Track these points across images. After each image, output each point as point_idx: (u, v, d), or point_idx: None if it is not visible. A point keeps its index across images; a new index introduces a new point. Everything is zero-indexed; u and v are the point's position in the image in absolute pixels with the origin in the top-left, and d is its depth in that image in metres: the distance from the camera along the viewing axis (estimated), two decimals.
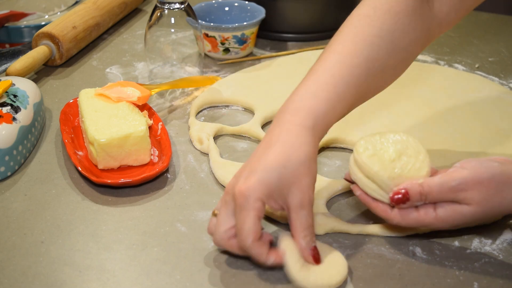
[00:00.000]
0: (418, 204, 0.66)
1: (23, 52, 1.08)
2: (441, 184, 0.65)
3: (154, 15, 1.01)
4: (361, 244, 0.72)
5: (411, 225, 0.67)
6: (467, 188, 0.64)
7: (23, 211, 0.76)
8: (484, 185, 0.64)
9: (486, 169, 0.64)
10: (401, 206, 0.66)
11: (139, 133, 0.81)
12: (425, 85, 1.02)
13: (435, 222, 0.66)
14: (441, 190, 0.65)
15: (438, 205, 0.66)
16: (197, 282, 0.67)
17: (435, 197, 0.65)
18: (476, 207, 0.64)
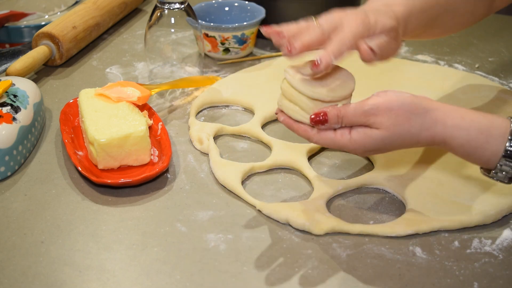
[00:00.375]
0: (336, 126, 0.70)
1: (23, 52, 1.08)
2: (355, 108, 0.69)
3: (154, 15, 1.01)
4: (361, 244, 0.72)
5: (328, 145, 0.72)
6: (378, 113, 0.68)
7: (23, 211, 0.76)
8: (393, 112, 0.68)
9: (397, 98, 0.69)
10: (320, 127, 0.70)
11: (139, 133, 0.81)
12: (425, 85, 1.02)
13: (348, 144, 0.70)
14: (355, 114, 0.69)
15: (353, 129, 0.70)
16: (197, 282, 0.67)
17: (350, 120, 0.69)
18: (385, 131, 0.68)
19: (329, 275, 0.68)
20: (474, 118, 0.68)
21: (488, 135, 0.67)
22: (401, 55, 1.15)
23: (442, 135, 0.68)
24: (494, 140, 0.67)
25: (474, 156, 0.69)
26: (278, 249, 0.71)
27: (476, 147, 0.68)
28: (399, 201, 0.79)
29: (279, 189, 0.81)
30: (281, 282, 0.67)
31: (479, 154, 0.68)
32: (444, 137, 0.68)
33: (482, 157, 0.68)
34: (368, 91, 1.00)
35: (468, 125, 0.68)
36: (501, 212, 0.76)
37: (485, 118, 0.68)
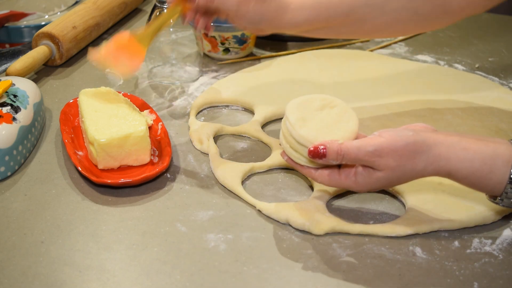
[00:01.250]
0: (334, 163, 0.69)
1: (23, 52, 1.08)
2: (358, 148, 0.68)
3: (153, 14, 1.01)
4: (361, 244, 0.72)
5: (332, 186, 0.72)
6: (382, 155, 0.67)
7: (23, 211, 0.76)
8: (398, 153, 0.67)
9: (401, 138, 0.68)
10: (317, 161, 0.70)
11: (139, 133, 0.81)
12: (425, 85, 1.02)
13: (353, 186, 0.70)
14: (358, 154, 0.68)
15: (358, 172, 0.70)
16: (197, 282, 0.67)
17: (352, 159, 0.69)
18: (390, 172, 0.68)
19: (329, 275, 0.68)
20: (476, 149, 0.68)
21: (492, 164, 0.67)
22: (401, 55, 1.15)
23: (446, 169, 0.68)
24: (498, 169, 0.67)
25: (479, 186, 0.69)
26: (278, 249, 0.71)
27: (480, 177, 0.67)
28: (399, 201, 0.79)
29: (279, 189, 0.81)
30: (281, 282, 0.67)
31: (484, 184, 0.68)
32: (448, 170, 0.68)
33: (487, 186, 0.68)
34: (368, 92, 1.01)
35: (471, 156, 0.67)
36: (501, 212, 0.76)
37: (488, 147, 0.68)
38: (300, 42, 1.19)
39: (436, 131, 0.70)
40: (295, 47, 1.17)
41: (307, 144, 0.70)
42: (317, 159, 0.69)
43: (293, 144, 0.72)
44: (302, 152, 0.71)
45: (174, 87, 1.03)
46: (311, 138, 0.70)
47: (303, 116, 0.72)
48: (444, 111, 0.96)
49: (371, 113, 0.95)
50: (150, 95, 1.01)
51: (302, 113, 0.72)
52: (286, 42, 1.19)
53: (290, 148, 0.72)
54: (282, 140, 0.73)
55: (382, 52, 1.16)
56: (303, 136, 0.70)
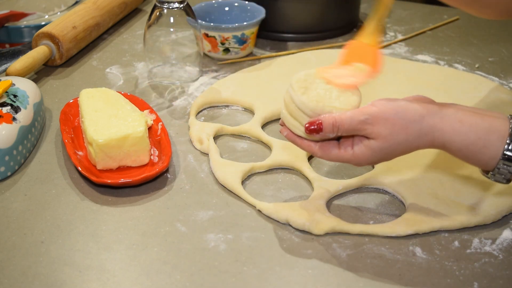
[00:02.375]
0: (331, 135, 0.70)
1: (23, 52, 1.08)
2: (351, 118, 0.69)
3: (153, 14, 1.01)
4: (361, 244, 0.72)
5: (332, 160, 0.72)
6: (374, 123, 0.68)
7: (23, 211, 0.76)
8: (389, 121, 0.68)
9: (392, 107, 0.69)
10: (315, 136, 0.70)
11: (138, 134, 0.81)
12: (425, 85, 1.02)
13: (352, 158, 0.71)
14: (351, 123, 0.69)
15: (354, 143, 0.70)
16: (197, 282, 0.67)
17: (346, 129, 0.69)
18: (383, 141, 0.68)
19: (329, 275, 0.68)
20: (472, 122, 0.68)
21: (486, 139, 0.67)
22: (401, 55, 1.15)
23: (441, 140, 0.68)
24: (492, 144, 0.67)
25: (473, 160, 0.69)
26: (278, 249, 0.71)
27: (474, 151, 0.68)
28: (399, 201, 0.79)
29: (279, 189, 0.81)
30: (281, 282, 0.67)
31: (477, 158, 0.68)
32: (443, 142, 0.68)
33: (480, 161, 0.68)
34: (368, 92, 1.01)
35: (466, 129, 0.67)
36: (501, 212, 0.76)
37: (484, 121, 0.68)
38: (300, 42, 1.19)
39: (433, 102, 0.71)
40: (295, 47, 1.17)
41: (307, 111, 0.70)
42: (314, 134, 0.70)
43: (294, 112, 0.71)
44: (302, 120, 0.71)
45: (174, 87, 1.03)
46: (312, 105, 0.70)
47: (306, 85, 0.72)
48: None
49: None
50: (150, 95, 1.01)
51: (306, 82, 0.72)
52: (286, 42, 1.19)
53: (290, 117, 0.72)
54: (283, 110, 0.73)
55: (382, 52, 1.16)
56: (304, 102, 0.70)
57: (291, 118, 0.72)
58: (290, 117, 0.72)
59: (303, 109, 0.70)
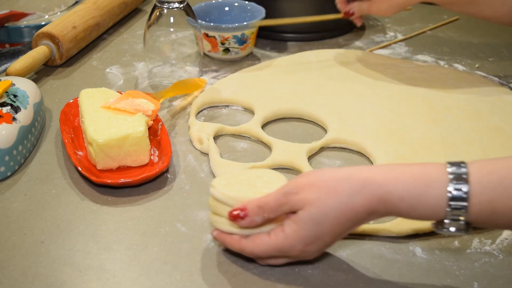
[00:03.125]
0: (258, 219, 0.64)
1: (23, 52, 1.08)
2: (276, 193, 0.64)
3: (153, 14, 1.01)
4: (361, 244, 0.72)
5: (264, 252, 0.66)
6: (299, 191, 0.63)
7: (23, 211, 0.76)
8: (315, 185, 0.63)
9: (316, 172, 0.65)
10: (240, 223, 0.65)
11: (138, 134, 0.81)
12: (425, 85, 1.02)
13: (285, 242, 0.64)
14: (275, 198, 0.63)
15: (285, 224, 0.64)
16: (197, 282, 0.67)
17: (272, 207, 0.64)
18: (311, 207, 0.62)
19: (329, 275, 0.68)
20: (404, 168, 0.63)
21: (426, 178, 0.61)
22: (401, 55, 1.15)
23: (377, 193, 0.61)
24: (435, 181, 0.61)
25: (419, 207, 0.61)
26: None
27: (418, 194, 0.60)
28: None
29: None
30: (281, 282, 0.67)
31: (423, 203, 0.61)
32: (380, 195, 0.61)
33: (427, 206, 0.61)
34: (368, 92, 1.01)
35: (400, 175, 0.62)
36: None
37: (416, 165, 0.63)
38: (300, 42, 1.19)
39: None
40: (295, 47, 1.17)
41: (230, 201, 0.66)
42: (239, 221, 0.64)
43: (218, 209, 0.67)
44: (224, 213, 0.67)
45: None
46: (233, 194, 0.66)
47: (228, 181, 0.68)
48: (444, 111, 0.96)
49: (371, 113, 0.95)
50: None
51: (228, 180, 0.69)
52: (286, 42, 1.19)
53: (215, 216, 0.68)
54: (210, 215, 0.69)
55: (382, 52, 1.16)
56: (225, 193, 0.66)
57: (217, 217, 0.68)
58: (215, 216, 0.68)
59: (226, 201, 0.66)
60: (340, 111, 0.95)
